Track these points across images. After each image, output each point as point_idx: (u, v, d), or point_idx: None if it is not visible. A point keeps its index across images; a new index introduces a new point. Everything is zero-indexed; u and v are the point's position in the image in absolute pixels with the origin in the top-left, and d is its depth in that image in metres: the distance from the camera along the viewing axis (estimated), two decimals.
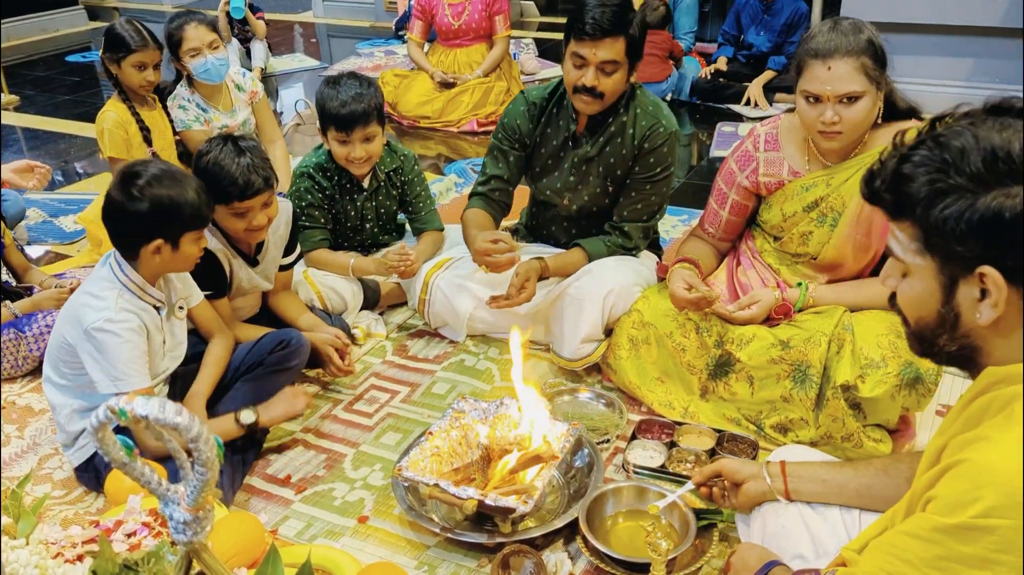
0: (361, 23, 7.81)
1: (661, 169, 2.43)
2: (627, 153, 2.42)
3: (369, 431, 2.29)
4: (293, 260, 2.52)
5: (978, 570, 0.90)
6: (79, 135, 4.94)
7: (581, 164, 2.48)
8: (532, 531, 1.83)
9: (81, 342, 1.90)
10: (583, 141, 2.45)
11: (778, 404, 2.12)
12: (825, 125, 1.97)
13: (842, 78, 1.92)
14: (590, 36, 2.22)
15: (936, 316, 1.01)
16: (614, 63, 2.26)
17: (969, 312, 0.98)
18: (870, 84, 1.94)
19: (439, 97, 4.81)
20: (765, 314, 2.18)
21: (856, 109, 1.95)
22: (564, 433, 1.95)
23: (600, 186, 2.49)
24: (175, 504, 1.03)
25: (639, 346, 2.29)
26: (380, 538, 1.92)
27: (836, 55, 1.92)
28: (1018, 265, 0.93)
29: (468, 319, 2.61)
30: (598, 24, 2.21)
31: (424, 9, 4.87)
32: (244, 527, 1.66)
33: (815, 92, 1.96)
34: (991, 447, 0.92)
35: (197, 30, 3.28)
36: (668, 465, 2.06)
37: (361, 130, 2.57)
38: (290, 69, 6.34)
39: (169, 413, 0.92)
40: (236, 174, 2.13)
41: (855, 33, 1.93)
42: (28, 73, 6.56)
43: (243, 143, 2.18)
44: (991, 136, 0.93)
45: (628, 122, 2.41)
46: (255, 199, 2.17)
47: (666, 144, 2.40)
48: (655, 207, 2.50)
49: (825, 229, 2.12)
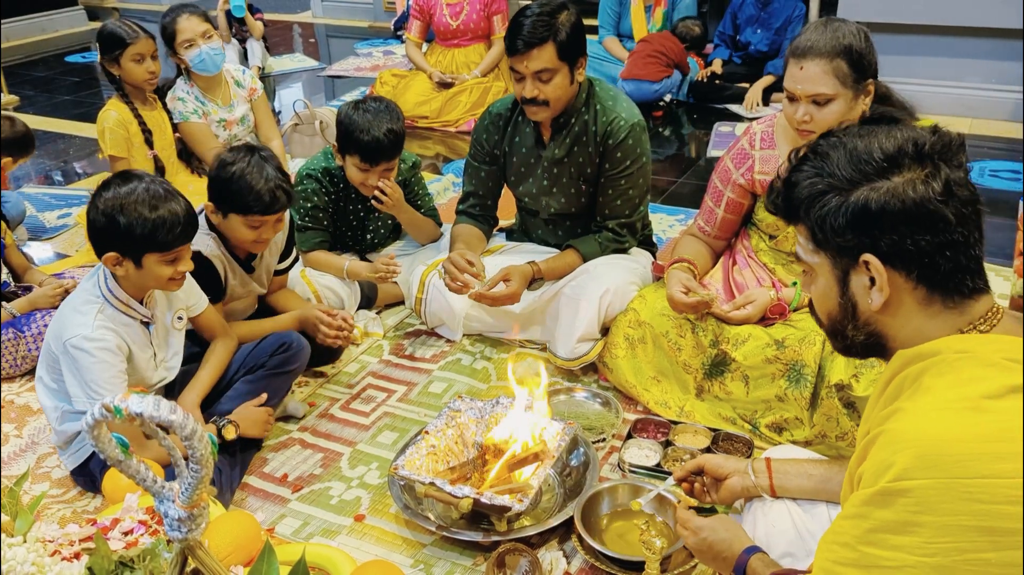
0: (360, 23, 7.81)
1: (631, 162, 2.42)
2: (593, 151, 2.43)
3: (366, 430, 2.30)
4: (289, 265, 2.53)
5: (902, 535, 0.91)
6: (78, 135, 4.95)
7: (552, 167, 2.49)
8: (528, 530, 1.84)
9: (61, 354, 1.91)
10: (550, 145, 2.47)
11: (773, 403, 2.13)
12: (799, 122, 2.00)
13: (811, 79, 1.94)
14: (519, 50, 2.26)
15: (839, 308, 1.12)
16: (548, 70, 2.28)
17: (863, 300, 1.08)
18: (843, 88, 1.94)
19: (437, 97, 4.82)
20: (761, 314, 2.19)
21: (828, 110, 1.96)
22: (560, 432, 1.96)
23: (574, 187, 2.50)
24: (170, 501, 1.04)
25: (635, 345, 2.30)
26: (376, 536, 1.93)
27: (809, 55, 1.94)
28: (891, 250, 1.03)
29: (464, 318, 2.62)
30: (520, 37, 2.25)
31: (422, 9, 4.88)
32: (240, 525, 1.67)
33: (789, 90, 2.00)
34: (904, 416, 0.97)
35: (189, 21, 3.30)
36: (664, 464, 2.07)
37: (385, 163, 2.59)
38: (289, 69, 6.35)
39: (163, 411, 0.93)
40: (263, 190, 2.11)
41: (834, 35, 1.93)
42: (28, 73, 6.57)
43: (264, 153, 2.18)
44: (856, 142, 1.06)
45: (590, 120, 2.42)
46: (274, 215, 2.18)
47: (630, 136, 2.39)
48: (635, 201, 2.50)
49: None
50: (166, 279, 1.91)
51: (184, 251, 1.92)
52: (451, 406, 2.07)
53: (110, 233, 1.84)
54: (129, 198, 1.82)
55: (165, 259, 1.88)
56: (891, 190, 1.02)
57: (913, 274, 1.03)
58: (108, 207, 1.83)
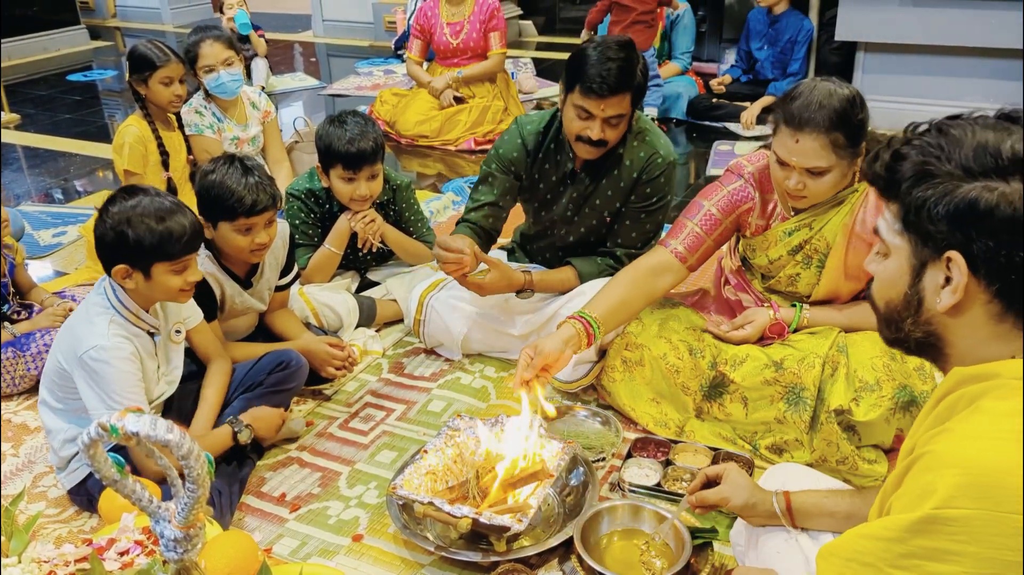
0: (360, 43, 7.86)
1: (657, 199, 2.42)
2: (625, 186, 2.40)
3: (365, 449, 2.28)
4: (290, 281, 2.53)
5: (940, 562, 0.88)
6: (79, 153, 4.96)
7: (580, 199, 2.47)
8: (527, 550, 1.83)
9: (75, 368, 1.90)
10: (581, 176, 2.44)
11: (772, 425, 2.12)
12: (791, 189, 1.98)
13: (807, 153, 1.91)
14: (597, 94, 2.18)
15: (903, 299, 1.05)
16: (619, 116, 2.24)
17: (931, 297, 1.02)
18: (839, 159, 1.91)
19: (437, 116, 4.84)
20: (759, 334, 2.19)
21: (822, 181, 1.95)
22: (559, 451, 1.95)
23: (597, 218, 2.49)
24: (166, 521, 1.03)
25: (632, 367, 2.28)
26: (375, 557, 1.91)
27: (806, 129, 1.89)
28: (982, 256, 0.96)
29: (463, 339, 2.61)
30: (606, 83, 2.16)
31: (423, 28, 4.91)
32: (237, 546, 1.65)
33: (783, 159, 1.96)
34: (951, 437, 0.92)
35: (213, 47, 3.38)
36: (664, 483, 2.05)
37: (368, 168, 2.60)
38: (290, 88, 6.38)
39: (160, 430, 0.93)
40: (243, 191, 2.15)
41: (830, 105, 1.87)
42: (29, 92, 6.59)
43: (248, 162, 2.20)
44: (987, 133, 0.98)
45: (625, 154, 2.38)
46: (261, 216, 2.19)
47: (663, 174, 2.38)
48: (649, 235, 2.49)
49: (812, 270, 2.13)
50: (176, 290, 1.93)
51: (191, 260, 1.94)
52: (450, 425, 2.07)
53: (119, 246, 1.86)
54: (136, 211, 1.85)
55: (174, 268, 1.90)
56: (1007, 195, 0.94)
57: (994, 287, 0.97)
58: (116, 221, 1.85)
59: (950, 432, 0.93)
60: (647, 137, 2.39)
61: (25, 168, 4.76)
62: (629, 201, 2.43)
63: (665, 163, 2.37)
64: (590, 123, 2.24)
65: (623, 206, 2.44)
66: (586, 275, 2.50)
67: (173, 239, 1.86)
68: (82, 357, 1.88)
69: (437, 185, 4.32)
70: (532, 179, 2.49)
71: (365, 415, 2.43)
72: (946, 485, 0.88)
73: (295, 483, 2.16)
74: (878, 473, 2.01)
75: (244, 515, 2.05)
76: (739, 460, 2.11)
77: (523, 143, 2.45)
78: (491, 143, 4.78)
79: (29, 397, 2.52)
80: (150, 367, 1.99)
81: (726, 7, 6.36)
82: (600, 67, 2.16)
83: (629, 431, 2.29)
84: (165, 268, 1.89)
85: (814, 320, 2.16)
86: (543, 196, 2.51)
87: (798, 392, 2.06)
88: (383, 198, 2.79)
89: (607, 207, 2.45)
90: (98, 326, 1.90)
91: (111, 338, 1.88)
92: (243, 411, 2.15)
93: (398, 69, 6.62)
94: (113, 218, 1.86)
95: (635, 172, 2.38)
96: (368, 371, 2.64)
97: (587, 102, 2.20)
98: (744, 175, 2.19)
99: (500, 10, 4.92)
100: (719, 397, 2.19)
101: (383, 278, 2.95)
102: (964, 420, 0.94)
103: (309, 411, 2.45)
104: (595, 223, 2.49)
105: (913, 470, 0.94)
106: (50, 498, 2.12)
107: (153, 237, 1.85)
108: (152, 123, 3.24)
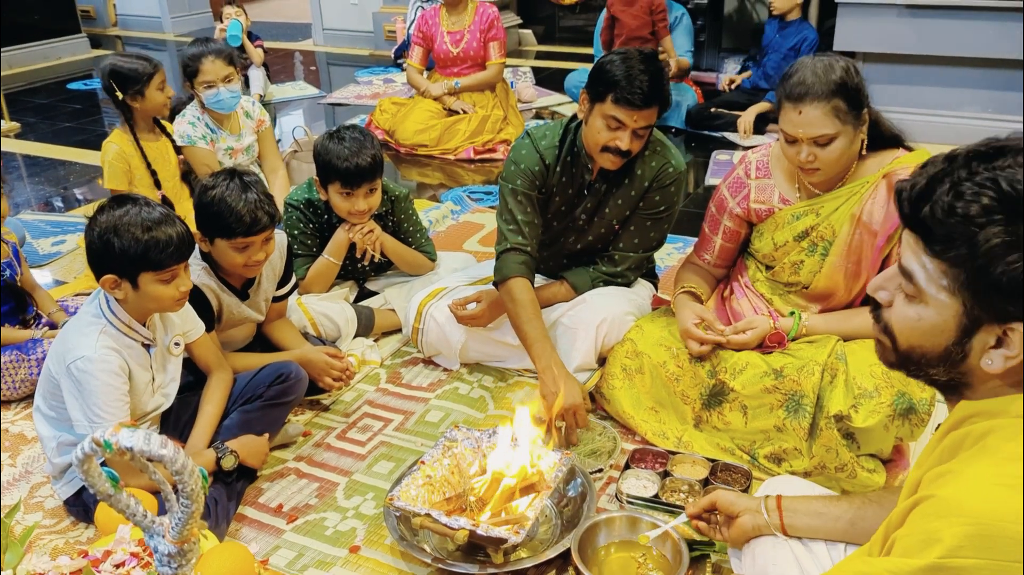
0: (360, 52, 7.87)
1: (665, 208, 2.44)
2: (635, 194, 2.42)
3: (362, 460, 2.28)
4: (288, 292, 2.53)
5: None
6: (79, 162, 4.97)
7: (593, 209, 2.48)
8: (524, 562, 1.82)
9: (63, 377, 1.90)
10: (595, 186, 2.44)
11: (771, 434, 2.12)
12: (803, 163, 2.01)
13: (812, 123, 1.95)
14: (634, 105, 2.19)
15: (940, 351, 0.98)
16: (648, 127, 2.26)
17: (978, 356, 0.95)
18: (843, 125, 1.96)
19: (436, 125, 4.85)
20: (759, 340, 2.18)
21: (831, 149, 1.98)
22: (557, 462, 1.95)
23: (606, 226, 2.49)
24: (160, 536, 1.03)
25: (632, 375, 2.29)
26: (371, 568, 1.91)
27: (806, 99, 1.94)
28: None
29: (461, 349, 2.61)
30: (644, 94, 2.18)
31: (425, 36, 4.92)
32: (233, 557, 1.65)
33: (790, 134, 2.00)
34: (957, 481, 0.91)
35: (214, 64, 3.37)
36: (661, 495, 2.05)
37: (367, 184, 2.60)
38: (290, 97, 6.39)
39: (154, 445, 0.92)
40: (243, 211, 2.13)
41: (827, 75, 1.93)
42: (30, 100, 6.60)
43: (247, 178, 2.19)
44: None
45: (638, 164, 2.40)
46: (258, 235, 2.19)
47: (673, 184, 2.41)
48: (652, 243, 2.50)
49: (816, 258, 2.14)
50: (167, 299, 1.92)
51: (180, 270, 1.92)
52: (448, 436, 2.06)
53: (106, 255, 1.86)
54: (123, 220, 1.85)
55: (161, 278, 1.88)
56: None
57: None
58: (103, 230, 1.85)
59: (956, 475, 0.92)
60: (659, 147, 2.41)
61: (25, 176, 4.77)
62: (637, 208, 2.44)
63: (676, 173, 2.40)
64: (620, 133, 2.24)
65: (632, 214, 2.46)
66: (580, 288, 2.51)
67: (159, 249, 1.85)
68: (69, 366, 1.87)
69: (436, 195, 4.32)
70: (549, 192, 2.48)
71: (363, 425, 2.43)
72: (952, 535, 0.87)
73: (292, 494, 2.15)
74: (876, 483, 2.00)
75: (240, 526, 2.04)
76: (737, 471, 2.10)
77: (541, 157, 2.42)
78: (490, 152, 4.82)
79: (27, 406, 2.51)
80: (142, 379, 1.98)
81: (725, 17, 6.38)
82: (639, 79, 2.18)
83: (627, 442, 2.29)
84: (152, 278, 1.88)
85: (812, 329, 2.16)
86: (557, 208, 2.51)
87: (798, 399, 2.06)
88: (382, 209, 2.79)
89: (617, 215, 2.46)
90: (88, 336, 1.90)
91: (99, 350, 1.88)
92: (239, 425, 2.14)
93: (398, 78, 6.63)
94: (100, 227, 1.86)
95: (647, 181, 2.40)
96: (366, 381, 2.64)
97: (621, 112, 2.21)
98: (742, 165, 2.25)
99: (500, 20, 4.93)
100: (719, 405, 2.19)
101: (381, 288, 2.95)
102: (970, 461, 0.93)
103: (307, 421, 2.44)
104: (604, 231, 2.51)
105: (918, 511, 0.93)
106: (47, 508, 2.11)
107: (139, 246, 1.83)
108: (134, 134, 3.23)
